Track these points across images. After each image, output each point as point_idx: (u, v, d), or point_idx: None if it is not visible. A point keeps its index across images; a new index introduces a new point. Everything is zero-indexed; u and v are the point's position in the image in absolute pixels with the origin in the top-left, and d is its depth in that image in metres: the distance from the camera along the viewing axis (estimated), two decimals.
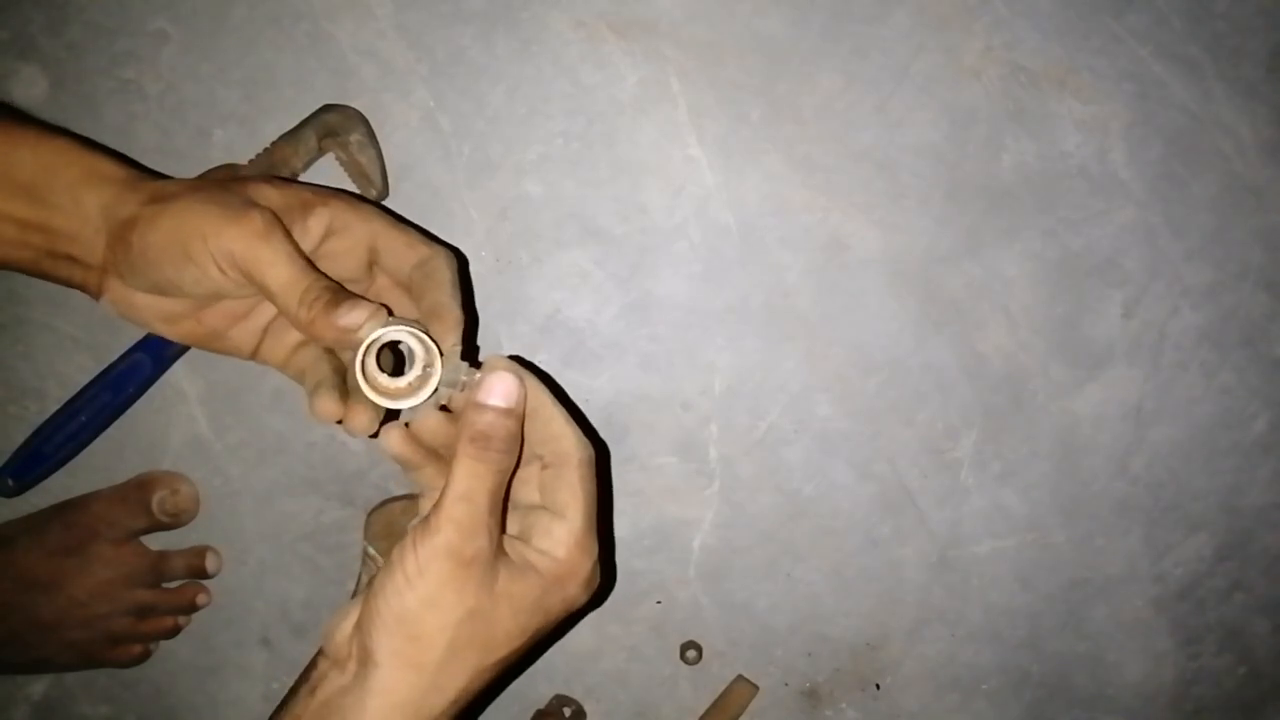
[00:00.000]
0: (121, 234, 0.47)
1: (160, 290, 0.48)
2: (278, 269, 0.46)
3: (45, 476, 0.70)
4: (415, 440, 0.47)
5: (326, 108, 0.69)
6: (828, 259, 0.72)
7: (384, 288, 0.54)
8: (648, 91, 0.71)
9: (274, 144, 0.68)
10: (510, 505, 0.47)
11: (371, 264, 0.52)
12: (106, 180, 0.48)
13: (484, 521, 0.43)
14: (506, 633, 0.44)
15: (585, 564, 0.46)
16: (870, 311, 0.73)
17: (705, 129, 0.71)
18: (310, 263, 0.47)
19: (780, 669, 0.76)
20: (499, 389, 0.44)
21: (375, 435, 0.48)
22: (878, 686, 0.76)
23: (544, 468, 0.47)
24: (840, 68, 0.71)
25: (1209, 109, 0.72)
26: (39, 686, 0.74)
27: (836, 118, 0.72)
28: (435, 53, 0.70)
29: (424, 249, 0.51)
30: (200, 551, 0.72)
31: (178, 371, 0.71)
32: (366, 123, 0.69)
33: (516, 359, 0.46)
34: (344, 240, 0.50)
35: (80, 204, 0.47)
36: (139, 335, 0.69)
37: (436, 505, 0.43)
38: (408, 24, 0.70)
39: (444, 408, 0.47)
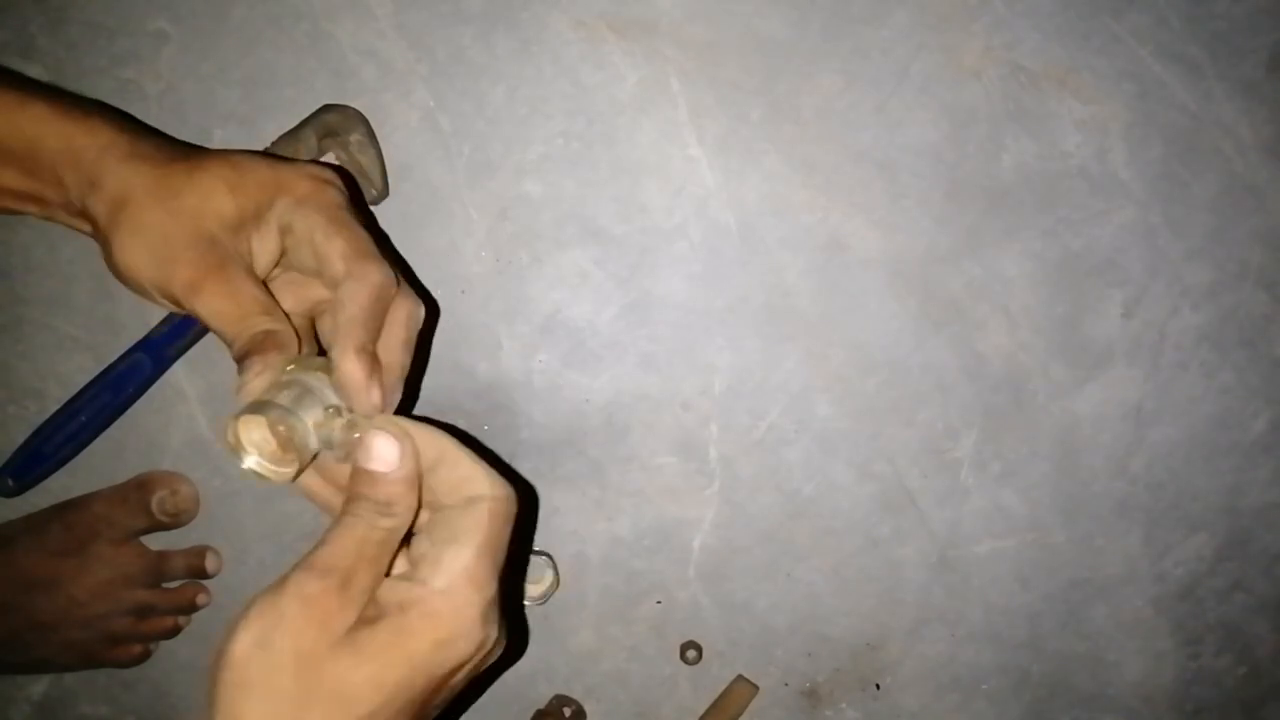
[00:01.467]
0: (92, 228, 0.47)
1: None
2: (212, 320, 0.45)
3: (45, 476, 0.70)
4: (333, 482, 0.45)
5: (326, 108, 0.69)
6: (828, 259, 0.72)
7: None
8: (648, 91, 0.71)
9: (274, 144, 0.68)
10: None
11: None
12: (81, 161, 0.46)
13: (350, 591, 0.38)
14: (368, 709, 0.37)
15: (472, 600, 0.39)
16: (870, 311, 0.73)
17: (705, 129, 0.71)
18: (250, 293, 0.45)
19: (780, 669, 0.76)
20: (379, 452, 0.40)
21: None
22: (878, 686, 0.76)
23: (452, 505, 0.41)
24: (840, 68, 0.71)
25: (1209, 109, 0.72)
26: (39, 686, 0.74)
27: (836, 118, 0.72)
28: (435, 53, 0.70)
29: (339, 266, 0.46)
30: (200, 551, 0.72)
31: (178, 371, 0.71)
32: (366, 123, 0.69)
33: (423, 418, 0.42)
34: (292, 239, 0.47)
35: (62, 183, 0.46)
36: (139, 335, 0.69)
37: (299, 564, 0.38)
38: (408, 24, 0.70)
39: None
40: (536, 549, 0.73)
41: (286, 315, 0.47)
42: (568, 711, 0.74)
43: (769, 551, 0.74)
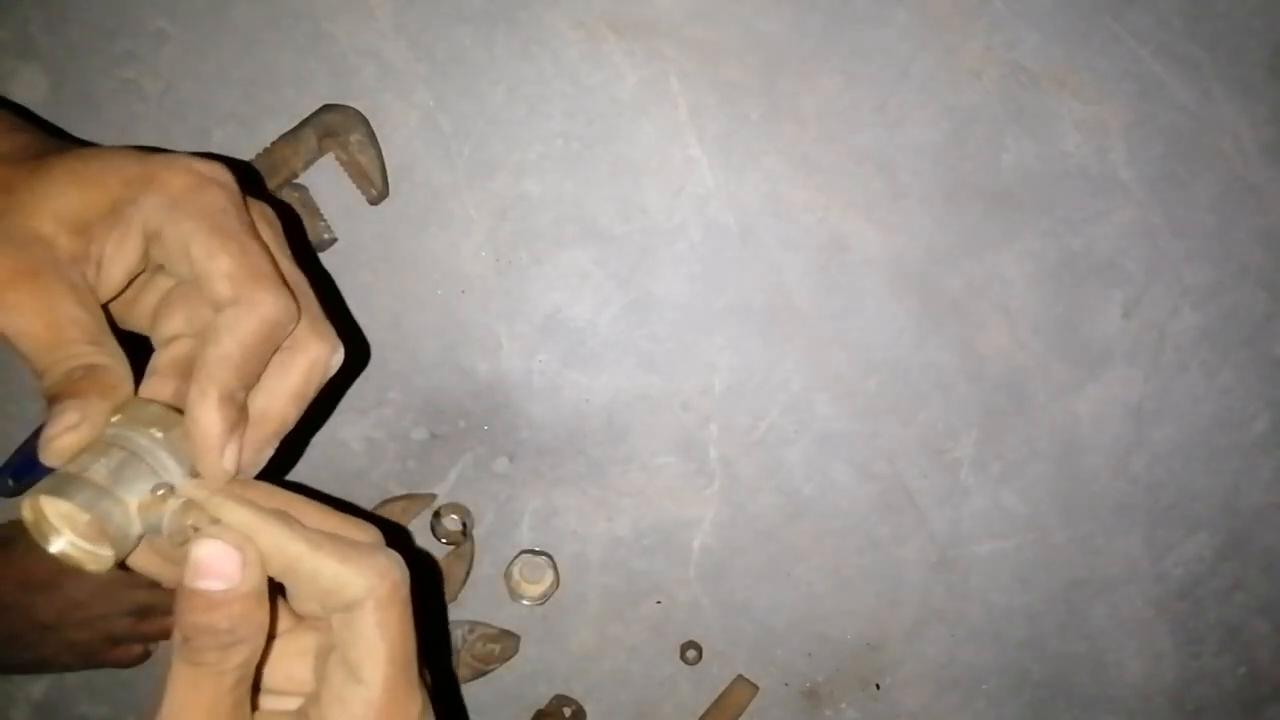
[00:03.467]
0: None
1: None
2: (20, 342, 0.34)
3: (45, 476, 0.70)
4: (171, 557, 0.36)
5: (326, 108, 0.69)
6: (828, 259, 0.72)
7: None
8: (648, 91, 0.71)
9: (274, 144, 0.68)
10: (302, 634, 0.36)
11: None
12: None
13: None
14: None
15: None
16: (870, 311, 0.73)
17: (705, 129, 0.71)
18: (70, 316, 0.34)
19: (780, 669, 0.76)
20: (210, 565, 0.32)
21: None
22: (878, 686, 0.76)
23: (334, 616, 0.34)
24: (840, 68, 0.71)
25: (1209, 109, 0.72)
26: (39, 686, 0.74)
27: (836, 118, 0.72)
28: (435, 53, 0.70)
29: (222, 289, 0.35)
30: None
31: None
32: (366, 123, 0.69)
33: (278, 480, 0.36)
34: (161, 248, 0.36)
35: None
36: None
37: None
38: (408, 24, 0.70)
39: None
40: (536, 549, 0.73)
41: (123, 344, 0.36)
42: (568, 711, 0.74)
43: (769, 551, 0.74)
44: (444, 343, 0.72)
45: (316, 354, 0.37)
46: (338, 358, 0.39)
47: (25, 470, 0.69)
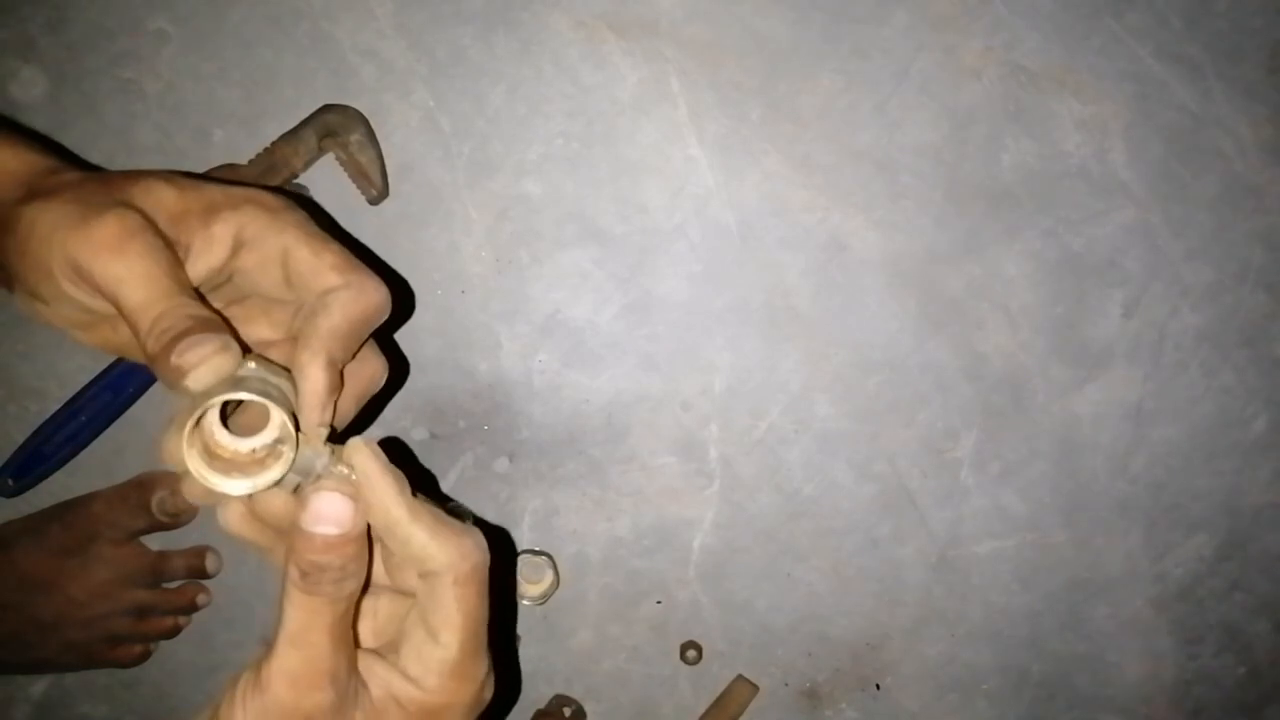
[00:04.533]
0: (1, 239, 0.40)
1: (38, 300, 0.40)
2: (129, 287, 0.37)
3: (45, 476, 0.70)
4: (261, 519, 0.39)
5: (326, 108, 0.69)
6: (828, 259, 0.72)
7: None
8: (648, 91, 0.71)
9: (274, 144, 0.68)
10: (386, 598, 0.41)
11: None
12: (2, 174, 0.40)
13: (325, 668, 0.36)
14: None
15: (465, 691, 0.38)
16: (870, 311, 0.73)
17: (705, 129, 0.71)
18: (181, 280, 0.38)
19: (780, 669, 0.76)
20: (328, 513, 0.36)
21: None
22: (878, 686, 0.76)
23: (420, 576, 0.38)
24: (840, 68, 0.71)
25: (1209, 109, 0.72)
26: (39, 686, 0.74)
27: (836, 118, 0.72)
28: (435, 53, 0.70)
29: (331, 277, 0.40)
30: (200, 551, 0.72)
31: None
32: (366, 123, 0.69)
33: (391, 441, 0.39)
34: (255, 254, 0.40)
35: None
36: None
37: (268, 649, 0.36)
38: (408, 24, 0.70)
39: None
40: (536, 549, 0.73)
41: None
42: (568, 711, 0.74)
43: (769, 551, 0.74)
44: (444, 343, 0.72)
45: (375, 369, 0.42)
46: (385, 376, 0.43)
47: (25, 470, 0.69)
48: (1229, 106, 0.72)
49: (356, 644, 0.39)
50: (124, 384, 0.69)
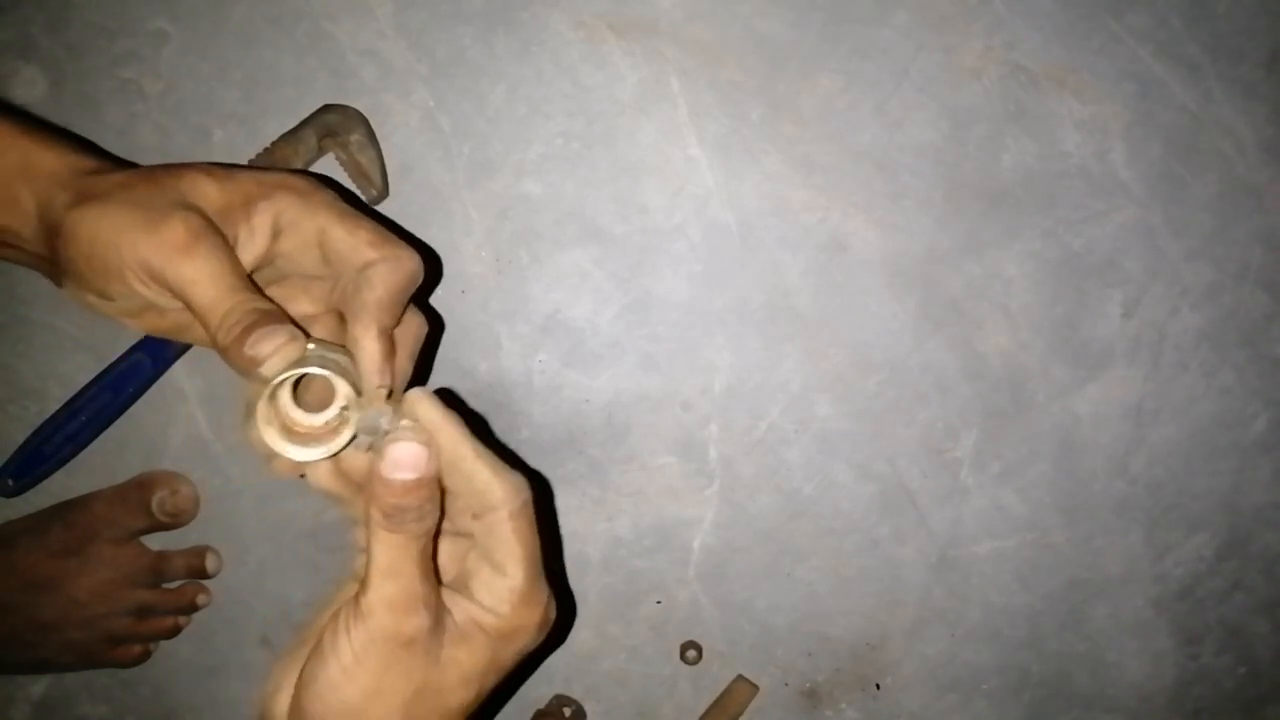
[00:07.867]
0: (50, 240, 0.43)
1: (101, 297, 0.44)
2: (200, 287, 0.41)
3: (45, 476, 0.70)
4: (345, 475, 0.44)
5: (326, 108, 0.69)
6: (828, 259, 0.72)
7: None
8: (648, 91, 0.71)
9: (274, 144, 0.68)
10: (445, 541, 0.45)
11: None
12: (42, 174, 0.43)
13: (418, 594, 0.40)
14: (460, 700, 0.42)
15: (534, 615, 0.43)
16: (870, 311, 0.73)
17: (705, 129, 0.71)
18: (242, 275, 0.42)
19: (780, 669, 0.76)
20: (405, 460, 0.39)
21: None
22: (878, 686, 0.76)
23: (475, 517, 0.42)
24: (840, 68, 0.71)
25: (1209, 109, 0.72)
26: (39, 686, 0.74)
27: (836, 118, 0.72)
28: (435, 53, 0.70)
29: (368, 253, 0.44)
30: (200, 551, 0.72)
31: (178, 371, 0.71)
32: (366, 123, 0.69)
33: (444, 391, 0.42)
34: (293, 238, 0.44)
35: (18, 201, 0.43)
36: (139, 335, 0.69)
37: (363, 583, 0.40)
38: (408, 24, 0.70)
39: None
40: None
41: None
42: (568, 711, 0.74)
43: (769, 551, 0.74)
44: (444, 343, 0.72)
45: (418, 325, 0.47)
46: (426, 329, 0.48)
47: (25, 470, 0.69)
48: (1229, 106, 0.72)
49: (437, 578, 0.42)
50: (124, 384, 0.69)
